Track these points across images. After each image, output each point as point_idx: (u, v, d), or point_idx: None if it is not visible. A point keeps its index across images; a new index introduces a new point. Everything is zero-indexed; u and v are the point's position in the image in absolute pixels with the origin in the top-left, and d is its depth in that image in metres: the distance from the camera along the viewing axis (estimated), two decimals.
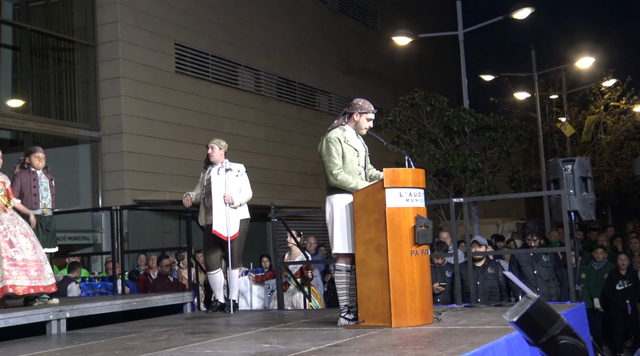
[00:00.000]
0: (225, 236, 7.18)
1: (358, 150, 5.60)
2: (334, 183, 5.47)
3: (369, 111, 5.65)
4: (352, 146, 5.57)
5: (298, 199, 18.61)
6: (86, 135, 13.76)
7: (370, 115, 5.65)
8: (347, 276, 5.48)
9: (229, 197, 7.20)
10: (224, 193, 7.21)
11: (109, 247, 10.19)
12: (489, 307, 6.53)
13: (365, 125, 5.64)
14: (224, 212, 7.19)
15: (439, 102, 13.79)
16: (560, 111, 25.17)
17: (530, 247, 7.68)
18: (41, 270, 6.43)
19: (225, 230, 7.17)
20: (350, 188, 5.42)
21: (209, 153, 7.46)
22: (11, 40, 13.94)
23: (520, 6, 14.69)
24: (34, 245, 6.48)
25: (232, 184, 7.29)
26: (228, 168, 7.33)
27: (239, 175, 7.37)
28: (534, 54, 21.64)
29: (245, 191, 7.41)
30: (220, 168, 7.34)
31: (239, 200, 7.30)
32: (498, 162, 14.30)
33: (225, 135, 16.28)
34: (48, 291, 6.49)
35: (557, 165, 7.43)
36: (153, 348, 4.82)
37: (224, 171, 7.30)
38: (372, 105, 5.69)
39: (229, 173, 7.30)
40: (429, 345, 4.32)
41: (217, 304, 7.57)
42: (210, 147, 7.48)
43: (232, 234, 7.23)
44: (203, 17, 16.20)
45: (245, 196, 7.39)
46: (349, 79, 21.92)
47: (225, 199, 7.20)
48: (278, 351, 4.36)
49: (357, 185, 5.42)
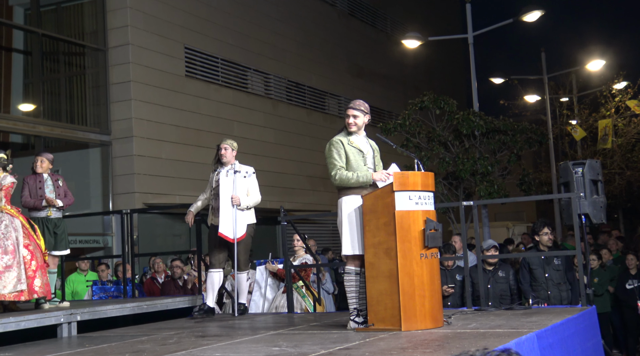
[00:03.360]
0: (231, 238, 7.09)
1: (363, 151, 5.61)
2: (335, 183, 5.55)
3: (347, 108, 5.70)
4: (356, 147, 5.59)
5: (307, 202, 18.61)
6: (97, 138, 13.82)
7: (347, 111, 5.68)
8: (357, 279, 5.48)
9: (237, 198, 7.11)
10: (232, 194, 7.12)
11: (120, 250, 10.23)
12: (500, 311, 6.51)
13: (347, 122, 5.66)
14: (231, 214, 7.08)
15: (449, 105, 13.77)
16: (571, 114, 25.07)
17: (543, 243, 7.60)
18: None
19: (232, 232, 7.08)
20: (351, 183, 5.46)
21: (222, 154, 7.35)
22: (22, 44, 14.02)
23: (530, 9, 14.63)
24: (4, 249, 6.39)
25: (240, 186, 7.20)
26: (237, 170, 7.25)
27: (247, 176, 7.27)
28: (544, 56, 21.57)
29: (253, 194, 7.31)
30: (229, 170, 7.25)
31: (246, 203, 7.20)
32: (508, 165, 14.26)
33: (234, 138, 16.26)
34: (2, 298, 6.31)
35: (568, 168, 7.41)
36: (163, 351, 4.84)
37: (233, 172, 7.21)
38: (356, 104, 5.68)
39: (237, 175, 7.22)
40: (438, 348, 4.32)
41: (204, 308, 7.23)
42: (223, 147, 7.39)
43: (239, 235, 7.13)
44: (213, 21, 16.24)
45: (253, 199, 7.29)
46: (359, 82, 21.91)
47: (232, 201, 7.10)
48: (287, 354, 4.36)
49: (358, 178, 5.45)
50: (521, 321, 5.46)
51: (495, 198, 12.60)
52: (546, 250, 7.58)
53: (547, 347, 4.82)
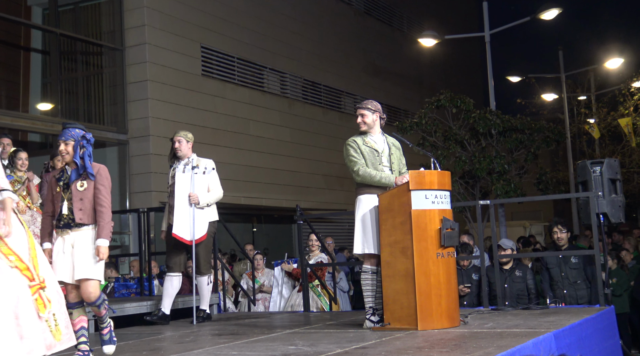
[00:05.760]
0: (188, 240, 6.56)
1: (378, 150, 5.61)
2: (357, 179, 5.53)
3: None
4: (372, 147, 5.59)
5: (323, 201, 18.61)
6: (114, 137, 13.90)
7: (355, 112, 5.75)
8: (372, 278, 5.48)
9: (195, 196, 6.53)
10: (189, 192, 6.56)
11: (137, 249, 10.28)
12: (516, 310, 6.47)
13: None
14: (188, 214, 6.53)
15: (465, 104, 13.72)
16: (589, 112, 24.86)
17: (560, 240, 7.55)
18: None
19: (189, 234, 6.54)
20: (375, 181, 5.45)
21: (176, 148, 6.71)
22: (41, 44, 14.14)
23: (547, 7, 14.53)
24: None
25: (199, 183, 6.63)
26: (195, 166, 6.66)
27: (206, 172, 6.69)
28: (562, 54, 21.42)
29: (214, 190, 6.73)
30: (186, 165, 6.68)
31: (206, 200, 6.63)
32: (525, 163, 14.18)
33: (250, 137, 16.37)
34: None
35: (586, 167, 7.34)
36: (180, 349, 4.86)
37: (190, 168, 6.64)
38: (363, 103, 5.72)
39: (196, 171, 6.64)
40: (455, 348, 4.30)
41: (159, 313, 6.68)
42: (177, 140, 6.73)
43: (198, 237, 6.59)
44: (229, 20, 16.28)
45: (214, 195, 6.73)
46: (375, 80, 21.87)
47: (190, 199, 6.54)
48: (304, 353, 4.36)
49: (381, 179, 5.45)
50: (538, 321, 5.43)
51: (512, 198, 12.53)
52: (561, 250, 7.54)
53: (565, 347, 4.78)
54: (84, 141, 4.98)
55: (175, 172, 6.73)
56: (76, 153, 4.91)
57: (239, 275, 10.10)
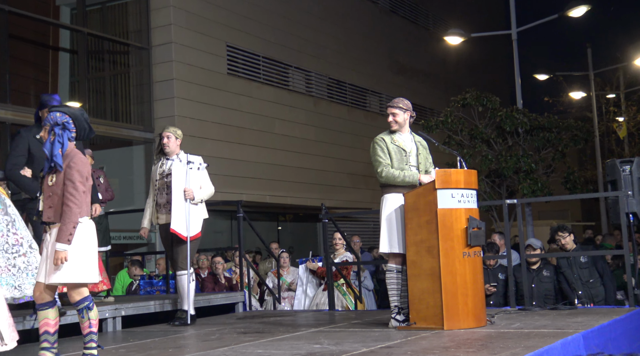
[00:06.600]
0: (184, 235, 6.42)
1: (406, 149, 5.58)
2: (381, 180, 5.53)
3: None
4: (399, 146, 5.57)
5: (348, 200, 18.59)
6: (140, 136, 14.01)
7: (387, 111, 5.73)
8: (398, 277, 5.45)
9: (190, 191, 6.43)
10: (185, 187, 6.44)
11: (162, 247, 10.34)
12: (544, 311, 6.40)
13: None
14: (184, 209, 6.43)
15: (491, 102, 13.62)
16: (618, 111, 24.54)
17: (566, 245, 7.47)
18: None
19: (185, 229, 6.41)
20: (398, 181, 5.44)
21: (164, 144, 6.56)
22: (69, 43, 14.29)
23: (575, 4, 14.36)
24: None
25: (194, 178, 6.53)
26: (190, 161, 6.54)
27: (200, 168, 6.60)
28: (590, 52, 21.18)
29: (206, 186, 6.64)
30: (180, 160, 6.54)
31: (200, 196, 6.55)
32: (552, 162, 14.04)
33: (276, 136, 16.40)
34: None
35: (615, 165, 7.23)
36: (205, 347, 4.88)
37: (186, 163, 6.50)
38: (394, 101, 5.69)
39: (191, 166, 6.51)
40: (481, 348, 4.26)
41: (185, 315, 6.48)
42: (165, 136, 6.59)
43: (193, 234, 6.49)
44: (254, 19, 16.32)
45: (207, 192, 6.64)
46: (400, 79, 21.79)
47: (185, 194, 6.42)
48: (329, 351, 4.35)
49: (405, 178, 5.43)
50: (567, 321, 5.37)
51: (539, 197, 12.41)
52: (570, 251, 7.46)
53: (594, 348, 4.72)
54: (56, 128, 4.28)
55: (163, 168, 6.60)
56: (47, 141, 4.25)
57: (264, 274, 10.12)
